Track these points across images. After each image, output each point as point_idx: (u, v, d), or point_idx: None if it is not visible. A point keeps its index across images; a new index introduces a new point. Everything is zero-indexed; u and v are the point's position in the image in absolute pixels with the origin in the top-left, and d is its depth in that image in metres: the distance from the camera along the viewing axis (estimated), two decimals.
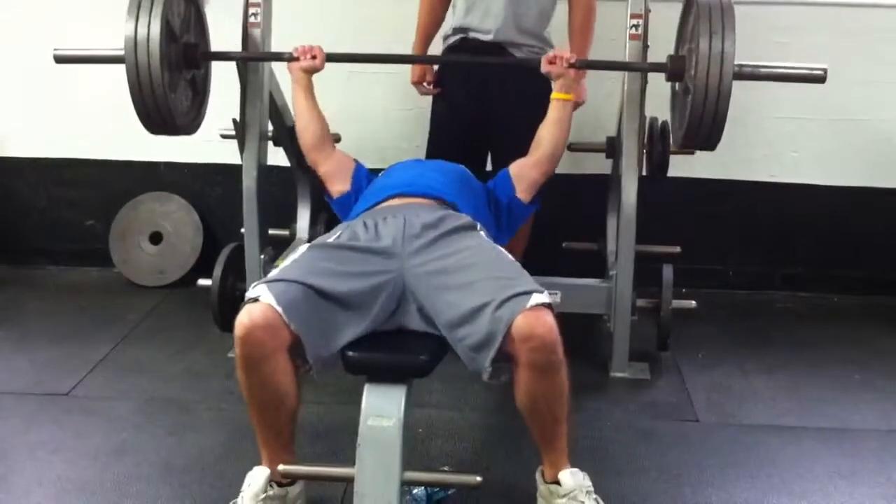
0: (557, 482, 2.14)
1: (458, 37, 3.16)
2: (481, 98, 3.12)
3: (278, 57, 2.94)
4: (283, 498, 2.16)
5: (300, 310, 2.00)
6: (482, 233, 2.35)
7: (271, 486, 2.13)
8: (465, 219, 2.35)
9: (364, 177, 2.76)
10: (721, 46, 2.43)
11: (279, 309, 1.96)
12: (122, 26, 2.51)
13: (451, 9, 3.24)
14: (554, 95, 2.74)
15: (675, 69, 2.70)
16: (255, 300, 1.98)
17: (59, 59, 2.77)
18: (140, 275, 3.95)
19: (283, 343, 1.99)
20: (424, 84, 3.32)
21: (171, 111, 2.62)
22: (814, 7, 3.59)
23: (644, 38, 2.89)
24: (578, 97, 3.05)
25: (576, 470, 2.15)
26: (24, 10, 3.84)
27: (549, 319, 1.96)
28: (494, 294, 2.00)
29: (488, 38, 3.07)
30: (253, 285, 2.06)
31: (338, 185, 2.73)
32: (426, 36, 3.30)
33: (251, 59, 3.00)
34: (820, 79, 2.57)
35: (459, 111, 3.19)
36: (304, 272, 2.09)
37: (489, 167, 3.22)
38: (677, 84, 2.80)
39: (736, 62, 2.45)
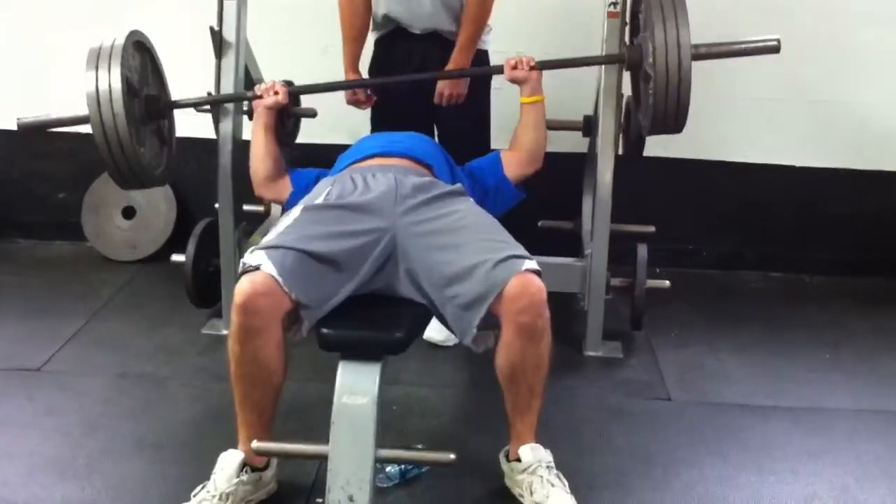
0: (518, 459, 2.16)
1: (390, 27, 3.05)
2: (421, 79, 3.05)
3: (241, 97, 2.94)
4: (257, 483, 2.14)
5: (299, 277, 2.00)
6: (471, 200, 2.38)
7: (245, 470, 2.10)
8: (454, 185, 2.39)
9: (301, 175, 2.70)
10: (676, 31, 2.46)
11: (280, 278, 1.96)
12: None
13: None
14: (522, 100, 2.74)
15: (632, 59, 2.72)
16: (257, 268, 1.97)
17: (23, 128, 2.71)
18: (113, 249, 3.91)
19: (281, 312, 1.99)
20: (363, 101, 3.12)
21: (143, 166, 2.59)
22: None
23: (622, 29, 2.89)
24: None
25: (536, 445, 2.17)
26: None
27: (540, 283, 2.02)
28: (489, 255, 2.04)
29: (417, 31, 3.00)
30: (250, 251, 2.05)
31: (284, 196, 2.69)
32: (354, 43, 3.08)
33: (214, 103, 2.98)
34: (774, 49, 2.60)
35: (400, 91, 3.06)
36: (300, 237, 2.09)
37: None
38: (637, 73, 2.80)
39: (692, 43, 2.46)
